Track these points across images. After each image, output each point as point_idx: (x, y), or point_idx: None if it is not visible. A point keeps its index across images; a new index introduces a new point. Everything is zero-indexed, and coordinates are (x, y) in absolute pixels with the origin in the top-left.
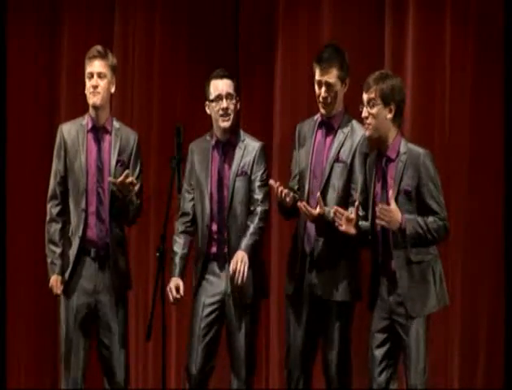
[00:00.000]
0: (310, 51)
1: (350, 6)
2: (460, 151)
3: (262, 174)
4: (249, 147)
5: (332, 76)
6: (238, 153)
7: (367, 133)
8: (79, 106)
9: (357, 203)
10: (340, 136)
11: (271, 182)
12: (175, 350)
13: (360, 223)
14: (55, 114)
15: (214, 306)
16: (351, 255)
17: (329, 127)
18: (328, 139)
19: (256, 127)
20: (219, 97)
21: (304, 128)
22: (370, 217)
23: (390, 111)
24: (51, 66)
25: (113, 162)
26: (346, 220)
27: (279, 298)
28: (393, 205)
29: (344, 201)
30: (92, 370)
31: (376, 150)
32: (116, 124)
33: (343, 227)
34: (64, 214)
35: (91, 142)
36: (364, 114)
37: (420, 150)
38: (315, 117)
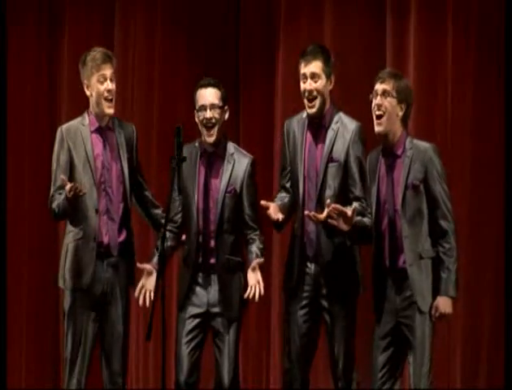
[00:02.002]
0: None
1: (351, 7)
2: (462, 152)
3: (253, 192)
4: (238, 163)
5: (317, 68)
6: (227, 167)
7: (377, 129)
8: (79, 106)
9: (354, 205)
10: (330, 134)
11: (262, 203)
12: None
13: (358, 218)
14: (56, 114)
15: (199, 318)
16: (352, 251)
17: (319, 126)
18: (319, 139)
19: (257, 128)
20: (202, 108)
21: (292, 125)
22: (374, 215)
23: (401, 109)
24: (51, 66)
25: (125, 165)
26: (342, 217)
27: (280, 300)
28: (442, 308)
29: (342, 200)
30: (92, 370)
31: (379, 148)
32: (116, 122)
33: (336, 223)
34: None
35: (96, 142)
36: (378, 101)
37: (426, 144)
38: (304, 114)
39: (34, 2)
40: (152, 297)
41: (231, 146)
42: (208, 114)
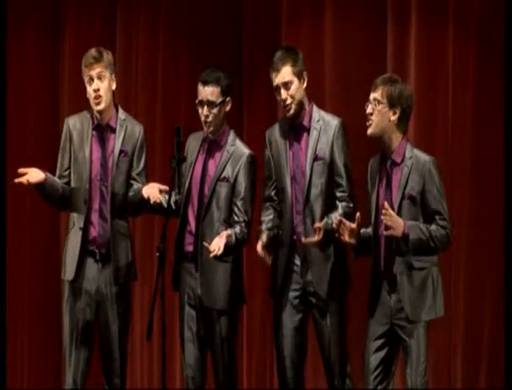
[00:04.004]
0: (312, 53)
1: (352, 9)
2: (462, 152)
3: (245, 187)
4: (236, 154)
5: (287, 75)
6: (225, 156)
7: (368, 131)
8: (80, 106)
9: (358, 214)
10: (314, 133)
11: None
12: (180, 350)
13: (362, 230)
14: (57, 114)
15: (195, 309)
16: (340, 250)
17: (301, 127)
18: (303, 140)
19: (259, 129)
20: (200, 104)
21: (274, 134)
22: (373, 221)
23: (394, 114)
24: (53, 66)
25: (116, 153)
26: (349, 231)
27: None
28: (395, 218)
29: (328, 197)
30: (92, 370)
31: (379, 154)
32: (122, 115)
33: (345, 238)
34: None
35: (95, 139)
36: (368, 110)
37: (426, 157)
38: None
39: (35, 1)
40: None
41: (232, 136)
42: (205, 111)
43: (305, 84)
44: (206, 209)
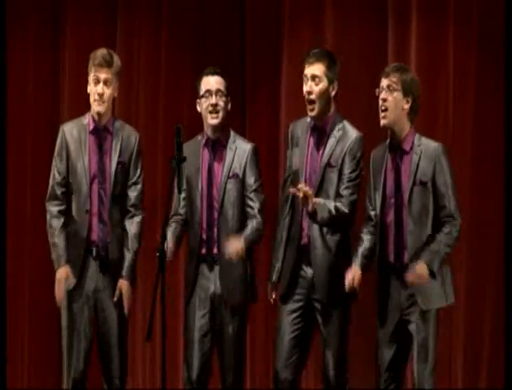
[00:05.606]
0: None
1: (353, 9)
2: (462, 153)
3: (255, 179)
4: (240, 149)
5: (319, 70)
6: (229, 154)
7: (382, 122)
8: (81, 106)
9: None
10: (331, 140)
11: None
12: (183, 350)
13: (361, 250)
14: (57, 114)
15: (206, 310)
16: (345, 254)
17: (321, 131)
18: (321, 144)
19: (262, 131)
20: (208, 93)
21: (297, 129)
22: (379, 210)
23: (407, 102)
24: (53, 66)
25: (114, 165)
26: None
27: None
28: (418, 271)
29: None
30: (92, 370)
31: (384, 144)
32: (117, 125)
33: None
34: (65, 214)
35: (93, 144)
36: (383, 96)
37: (435, 144)
38: (308, 118)
39: (35, 1)
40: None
41: (233, 133)
42: (214, 99)
43: (333, 93)
44: (219, 209)
